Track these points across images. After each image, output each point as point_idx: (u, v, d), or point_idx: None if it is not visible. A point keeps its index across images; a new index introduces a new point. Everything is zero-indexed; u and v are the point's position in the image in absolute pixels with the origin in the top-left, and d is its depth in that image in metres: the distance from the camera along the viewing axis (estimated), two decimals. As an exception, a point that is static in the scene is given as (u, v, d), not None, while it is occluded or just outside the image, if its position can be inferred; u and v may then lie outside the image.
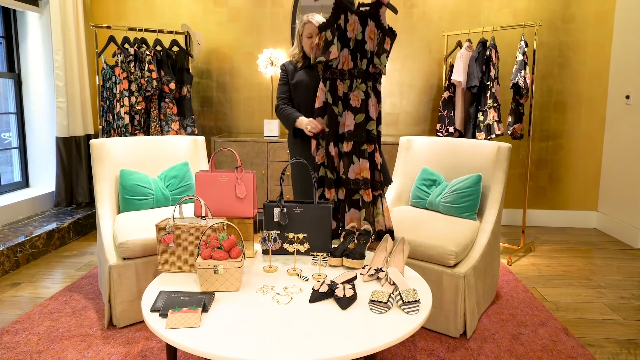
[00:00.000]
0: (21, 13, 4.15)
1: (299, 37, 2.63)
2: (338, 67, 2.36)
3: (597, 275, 3.23)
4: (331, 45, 2.32)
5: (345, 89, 2.38)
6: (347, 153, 2.39)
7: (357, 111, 2.37)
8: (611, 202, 4.23)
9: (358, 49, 2.36)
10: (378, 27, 2.35)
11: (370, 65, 2.36)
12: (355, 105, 2.37)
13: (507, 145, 2.71)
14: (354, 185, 2.39)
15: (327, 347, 1.42)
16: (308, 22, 2.55)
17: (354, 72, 2.37)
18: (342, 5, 2.33)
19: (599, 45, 4.24)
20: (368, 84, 2.38)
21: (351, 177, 2.39)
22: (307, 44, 2.59)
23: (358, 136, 2.37)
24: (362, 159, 2.38)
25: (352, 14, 2.32)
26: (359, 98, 2.37)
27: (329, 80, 2.38)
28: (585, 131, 4.35)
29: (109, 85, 3.84)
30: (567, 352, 2.21)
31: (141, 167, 2.88)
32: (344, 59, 2.36)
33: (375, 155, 2.42)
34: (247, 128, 4.55)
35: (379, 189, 2.44)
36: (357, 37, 2.35)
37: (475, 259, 2.38)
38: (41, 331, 2.35)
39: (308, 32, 2.55)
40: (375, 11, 2.33)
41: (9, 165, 4.25)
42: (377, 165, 2.42)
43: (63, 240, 3.72)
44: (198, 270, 1.78)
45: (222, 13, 4.41)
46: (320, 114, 2.42)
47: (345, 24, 2.33)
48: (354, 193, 2.40)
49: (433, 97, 4.40)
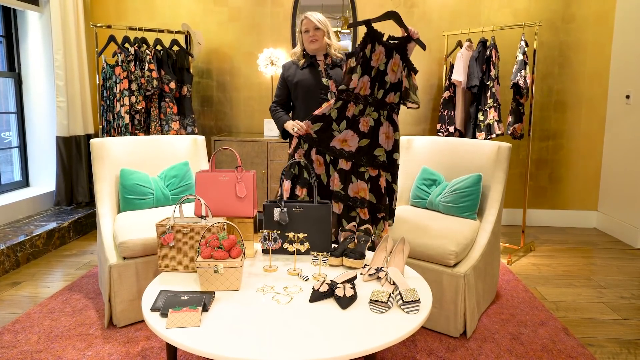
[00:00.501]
0: (21, 12, 4.15)
1: (299, 35, 2.66)
2: (354, 91, 2.41)
3: (597, 275, 3.23)
4: (353, 73, 2.38)
5: (357, 112, 2.44)
6: (346, 171, 2.46)
7: (363, 136, 2.44)
8: (611, 202, 4.22)
9: (378, 79, 2.41)
10: (404, 60, 2.42)
11: (389, 96, 2.42)
12: (363, 130, 2.43)
13: (507, 145, 2.71)
14: (352, 202, 2.45)
15: (327, 346, 1.43)
16: (305, 17, 2.59)
17: (369, 99, 2.42)
18: (372, 35, 2.38)
19: (599, 45, 4.24)
20: (382, 112, 2.44)
21: (350, 194, 2.45)
22: (304, 39, 2.61)
23: (357, 158, 2.45)
24: (360, 180, 2.45)
25: (380, 45, 2.38)
26: (368, 124, 2.44)
27: (342, 100, 2.43)
28: (585, 131, 4.35)
29: (109, 84, 3.84)
30: (567, 351, 2.21)
31: (141, 166, 2.88)
32: (362, 85, 2.41)
33: (380, 181, 2.47)
34: (247, 127, 4.55)
35: (383, 212, 2.48)
36: (379, 68, 2.40)
37: (476, 259, 2.38)
38: (41, 330, 2.35)
39: (305, 27, 2.58)
40: (404, 45, 2.40)
41: (9, 164, 4.25)
42: (381, 188, 2.47)
43: (63, 240, 3.72)
44: (198, 269, 1.78)
45: (222, 13, 4.41)
46: (313, 120, 2.45)
47: (371, 53, 2.39)
48: (352, 209, 2.46)
49: (433, 96, 4.40)
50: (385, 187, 2.49)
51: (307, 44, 2.60)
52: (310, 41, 2.57)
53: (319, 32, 2.57)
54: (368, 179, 2.46)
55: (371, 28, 2.39)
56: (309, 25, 2.57)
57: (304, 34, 2.60)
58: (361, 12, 4.31)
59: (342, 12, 4.34)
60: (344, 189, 2.45)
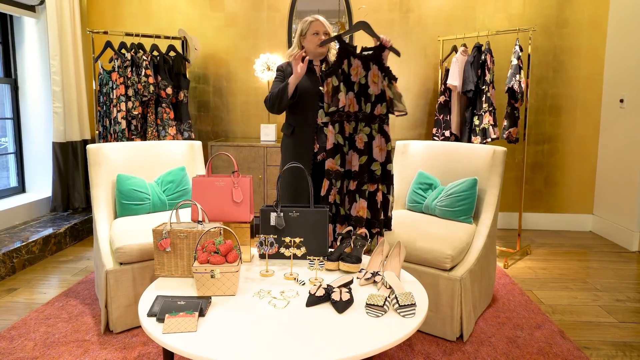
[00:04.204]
0: (18, 18, 4.15)
1: (301, 37, 2.65)
2: (345, 110, 2.44)
3: (592, 278, 3.24)
4: (339, 92, 2.40)
5: (351, 130, 2.47)
6: (352, 192, 2.48)
7: (361, 153, 2.45)
8: (606, 205, 4.25)
9: (362, 93, 2.43)
10: (382, 70, 2.42)
11: (376, 108, 2.43)
12: (360, 147, 2.45)
13: (502, 149, 2.72)
14: (355, 221, 2.46)
15: (323, 350, 1.43)
16: (315, 19, 2.60)
17: (359, 115, 2.44)
18: (345, 50, 2.39)
19: (593, 50, 4.28)
20: (373, 126, 2.45)
21: (353, 214, 2.47)
22: (312, 41, 2.60)
23: (361, 177, 2.46)
24: (362, 199, 2.47)
25: (355, 59, 2.40)
26: (363, 140, 2.45)
27: (337, 122, 2.45)
28: (580, 135, 4.38)
29: (105, 90, 3.84)
30: (563, 354, 2.22)
31: (138, 172, 2.88)
32: (350, 102, 2.43)
33: (377, 195, 2.47)
34: (243, 133, 4.56)
35: (377, 227, 2.48)
36: (360, 81, 2.42)
37: (472, 263, 2.39)
38: (37, 337, 2.34)
39: (315, 29, 2.58)
40: (378, 55, 2.40)
41: (6, 170, 4.25)
42: (377, 203, 2.47)
43: (59, 246, 3.71)
44: (195, 274, 1.78)
45: (218, 18, 4.43)
46: (332, 155, 2.46)
47: (348, 68, 2.41)
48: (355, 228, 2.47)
49: (429, 101, 4.42)
50: (381, 200, 2.49)
51: (312, 46, 2.60)
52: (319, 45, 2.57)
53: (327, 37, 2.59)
54: (368, 196, 2.48)
55: (343, 43, 2.42)
56: (320, 29, 2.58)
57: (312, 35, 2.59)
58: (357, 17, 4.33)
59: (338, 17, 4.36)
60: (348, 208, 2.48)
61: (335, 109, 2.42)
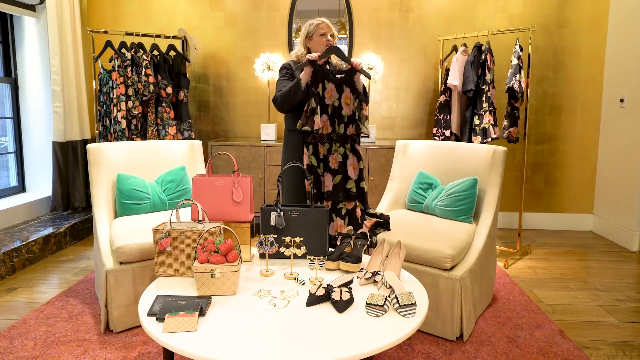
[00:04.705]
0: (18, 18, 4.15)
1: (306, 39, 2.69)
2: (319, 132, 2.53)
3: (593, 278, 3.24)
4: (315, 114, 2.48)
5: (325, 151, 2.56)
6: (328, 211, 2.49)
7: (335, 173, 2.55)
8: (606, 205, 4.25)
9: (336, 115, 2.52)
10: (354, 92, 2.52)
11: (348, 128, 2.53)
12: (334, 168, 2.56)
13: (502, 148, 2.72)
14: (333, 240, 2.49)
15: (323, 350, 1.43)
16: (322, 22, 2.65)
17: (333, 136, 2.55)
18: (320, 74, 2.47)
19: (593, 49, 4.28)
20: (346, 146, 2.57)
21: (331, 233, 2.53)
22: (320, 42, 2.65)
23: (335, 196, 2.55)
24: (338, 217, 2.55)
25: (329, 82, 2.48)
26: (337, 161, 2.56)
27: (311, 144, 2.54)
28: (580, 134, 4.38)
29: (105, 89, 3.84)
30: (563, 354, 2.22)
31: (138, 171, 2.88)
32: (323, 124, 2.53)
33: (357, 211, 2.57)
34: (243, 132, 4.56)
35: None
36: (334, 104, 2.50)
37: (472, 262, 2.39)
38: (37, 336, 2.34)
39: (322, 31, 2.64)
40: (350, 78, 2.49)
41: (6, 170, 4.24)
42: (358, 219, 2.57)
43: (59, 245, 3.71)
44: (195, 274, 1.78)
45: (218, 18, 4.43)
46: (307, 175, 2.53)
47: (323, 91, 2.49)
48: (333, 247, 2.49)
49: (429, 101, 4.42)
50: (360, 216, 2.58)
51: (320, 47, 2.64)
52: (327, 46, 2.62)
53: (333, 40, 2.66)
54: (345, 214, 2.56)
55: (318, 66, 2.47)
56: (327, 30, 2.64)
57: (318, 37, 2.65)
58: (357, 16, 4.33)
59: (338, 16, 4.36)
60: None
61: (309, 130, 2.49)
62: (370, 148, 3.89)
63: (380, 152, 3.89)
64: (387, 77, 4.39)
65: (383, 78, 4.36)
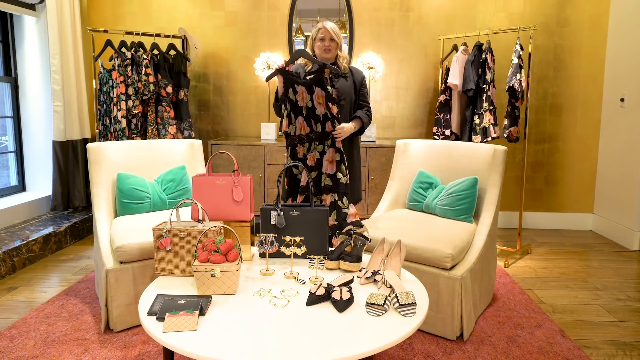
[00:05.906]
0: (18, 17, 4.15)
1: (312, 42, 2.72)
2: (296, 134, 2.58)
3: (593, 278, 3.24)
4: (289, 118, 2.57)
5: (305, 151, 2.60)
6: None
7: (311, 169, 2.58)
8: (607, 205, 4.24)
9: (311, 115, 2.55)
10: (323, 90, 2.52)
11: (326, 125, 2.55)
12: (311, 165, 2.59)
13: (502, 148, 2.72)
14: None
15: (324, 350, 1.43)
16: (322, 27, 2.66)
17: (312, 135, 2.57)
18: (289, 79, 2.51)
19: (593, 49, 4.27)
20: (326, 142, 2.57)
21: None
22: (318, 46, 2.67)
23: (308, 190, 2.54)
24: None
25: (299, 85, 2.50)
26: (315, 158, 2.59)
27: (290, 146, 2.63)
28: (580, 134, 4.38)
29: (105, 89, 3.84)
30: (563, 354, 2.22)
31: (138, 170, 2.88)
32: (300, 126, 2.57)
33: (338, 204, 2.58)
34: (244, 131, 4.56)
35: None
36: (307, 105, 2.53)
37: (472, 262, 2.39)
38: (37, 335, 2.34)
39: (321, 35, 2.66)
40: (320, 77, 2.48)
41: (6, 169, 4.24)
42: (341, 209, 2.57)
43: (60, 244, 3.71)
44: (195, 273, 1.78)
45: (218, 17, 4.42)
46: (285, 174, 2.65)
47: (295, 95, 2.52)
48: None
49: (429, 100, 4.41)
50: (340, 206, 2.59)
51: (320, 53, 2.67)
52: (324, 51, 2.65)
53: (333, 44, 2.67)
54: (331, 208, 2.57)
55: (286, 73, 2.50)
56: (325, 35, 2.65)
57: (317, 41, 2.67)
58: (357, 15, 4.33)
59: (338, 16, 4.35)
60: None
61: (287, 132, 2.58)
62: (370, 147, 3.88)
63: (381, 152, 3.89)
64: (387, 76, 4.39)
65: (383, 77, 4.36)
